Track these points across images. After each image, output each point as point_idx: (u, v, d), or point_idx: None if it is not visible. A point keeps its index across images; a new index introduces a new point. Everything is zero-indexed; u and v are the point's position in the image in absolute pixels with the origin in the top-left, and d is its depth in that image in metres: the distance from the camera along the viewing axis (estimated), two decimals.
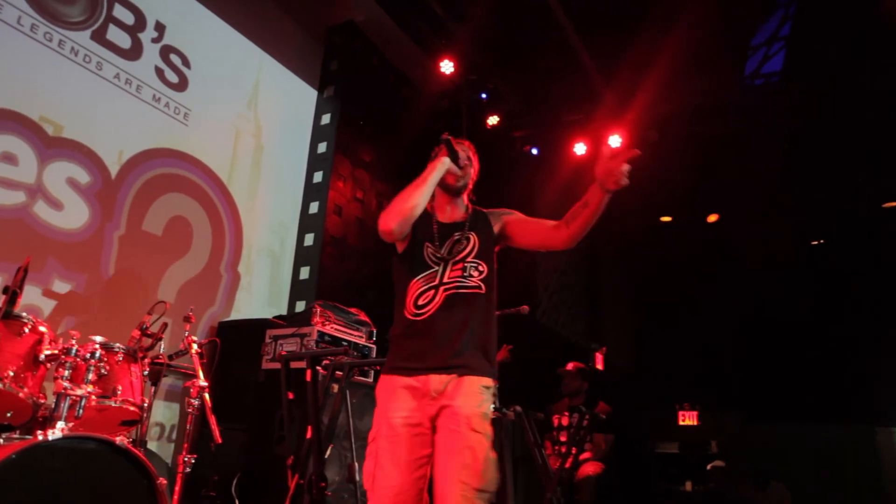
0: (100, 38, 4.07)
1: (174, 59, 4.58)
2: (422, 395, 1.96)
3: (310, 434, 2.87)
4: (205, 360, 3.03)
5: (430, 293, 2.05)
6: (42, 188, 3.66)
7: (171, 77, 4.54)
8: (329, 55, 6.03)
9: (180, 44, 4.62)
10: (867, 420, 5.35)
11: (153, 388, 3.14)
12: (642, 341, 9.18)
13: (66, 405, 2.44)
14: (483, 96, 6.73)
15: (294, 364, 3.19)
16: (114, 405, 2.67)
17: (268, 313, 4.90)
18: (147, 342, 3.01)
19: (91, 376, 2.56)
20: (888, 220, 7.46)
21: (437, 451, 1.92)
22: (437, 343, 1.99)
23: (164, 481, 2.49)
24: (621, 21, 5.74)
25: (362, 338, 4.30)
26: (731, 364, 7.93)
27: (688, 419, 6.32)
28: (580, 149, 6.95)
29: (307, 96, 5.85)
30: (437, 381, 1.96)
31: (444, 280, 2.07)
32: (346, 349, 3.10)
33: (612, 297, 9.64)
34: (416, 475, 1.91)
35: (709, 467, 5.79)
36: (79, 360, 2.55)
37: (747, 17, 6.25)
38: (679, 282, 8.50)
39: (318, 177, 5.63)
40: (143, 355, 2.91)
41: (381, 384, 2.06)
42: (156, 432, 4.09)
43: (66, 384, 2.46)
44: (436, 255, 2.12)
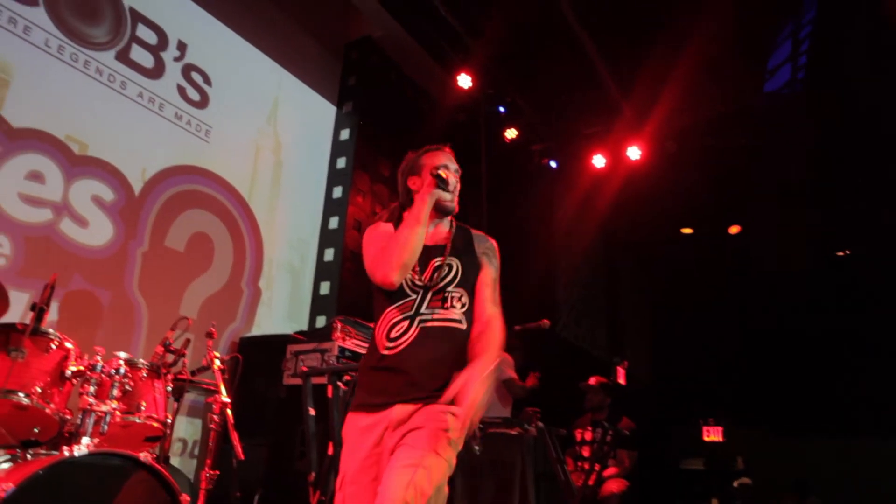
0: (124, 57, 4.15)
1: (195, 77, 4.65)
2: (383, 429, 1.80)
3: (331, 450, 2.86)
4: (226, 376, 3.03)
5: (405, 324, 1.89)
6: (68, 206, 3.72)
7: (193, 95, 4.61)
8: (347, 71, 6.08)
9: (201, 62, 4.70)
10: None
11: (176, 404, 3.14)
12: (663, 355, 9.07)
13: (92, 421, 2.46)
14: (501, 110, 6.73)
15: (315, 380, 3.19)
16: (138, 421, 2.68)
17: (288, 328, 4.91)
18: (170, 358, 3.02)
19: (116, 392, 2.57)
20: None
21: (388, 466, 1.71)
22: (407, 381, 1.83)
23: (188, 498, 2.50)
24: (639, 33, 5.73)
25: None
26: (756, 378, 7.79)
27: (713, 434, 6.20)
28: (599, 161, 6.92)
29: (326, 112, 5.90)
30: (402, 410, 1.81)
31: (422, 311, 1.91)
32: None
33: (633, 310, 9.54)
34: None
35: (735, 484, 5.66)
36: (104, 376, 2.56)
37: (765, 26, 6.20)
38: (700, 294, 8.40)
39: (338, 192, 5.65)
40: (167, 371, 2.92)
41: (346, 424, 1.90)
42: (178, 448, 4.10)
43: (91, 400, 2.48)
44: (414, 281, 1.95)
